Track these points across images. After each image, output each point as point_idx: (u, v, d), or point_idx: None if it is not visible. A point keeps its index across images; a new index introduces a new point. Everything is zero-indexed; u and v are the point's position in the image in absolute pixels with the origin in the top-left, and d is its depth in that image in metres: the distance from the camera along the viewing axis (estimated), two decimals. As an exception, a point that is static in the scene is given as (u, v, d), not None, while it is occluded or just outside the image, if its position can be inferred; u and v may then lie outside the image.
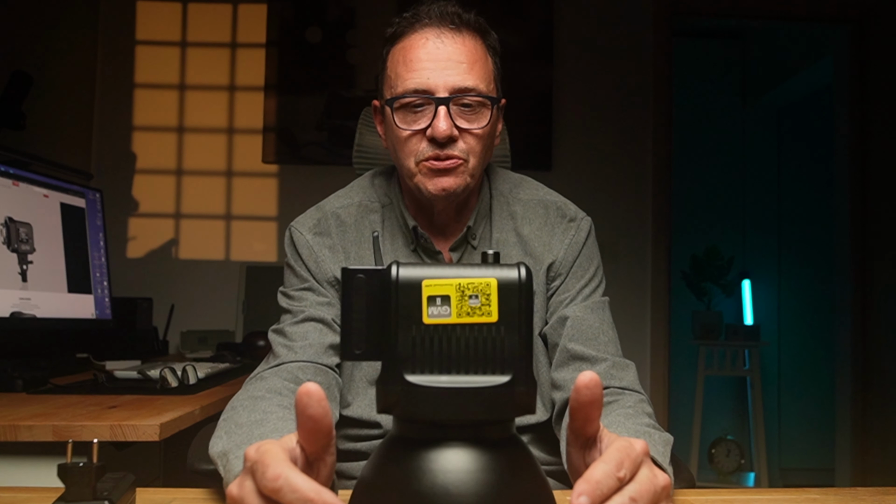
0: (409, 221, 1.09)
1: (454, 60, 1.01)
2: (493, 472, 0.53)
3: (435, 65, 1.00)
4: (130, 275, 2.76)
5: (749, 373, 3.88)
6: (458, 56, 1.01)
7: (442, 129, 0.99)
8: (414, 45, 1.02)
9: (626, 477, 0.57)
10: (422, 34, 1.02)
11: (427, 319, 0.54)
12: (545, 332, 1.09)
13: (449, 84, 1.00)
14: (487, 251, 0.58)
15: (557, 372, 1.04)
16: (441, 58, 1.01)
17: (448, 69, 1.00)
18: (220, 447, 0.79)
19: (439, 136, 0.99)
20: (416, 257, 1.09)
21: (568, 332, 1.04)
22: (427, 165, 1.02)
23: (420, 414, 0.54)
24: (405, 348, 0.53)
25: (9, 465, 1.16)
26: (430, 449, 0.54)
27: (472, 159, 1.03)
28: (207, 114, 2.90)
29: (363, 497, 0.56)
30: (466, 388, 0.53)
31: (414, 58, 1.01)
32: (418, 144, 1.02)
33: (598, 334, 1.05)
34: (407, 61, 1.02)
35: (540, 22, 2.97)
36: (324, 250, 1.09)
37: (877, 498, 0.78)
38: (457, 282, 0.54)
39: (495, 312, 0.54)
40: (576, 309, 1.06)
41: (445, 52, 1.01)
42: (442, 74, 1.00)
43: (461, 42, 1.02)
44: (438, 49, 1.01)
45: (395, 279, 0.54)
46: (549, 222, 1.13)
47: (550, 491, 0.58)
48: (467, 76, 1.01)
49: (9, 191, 1.66)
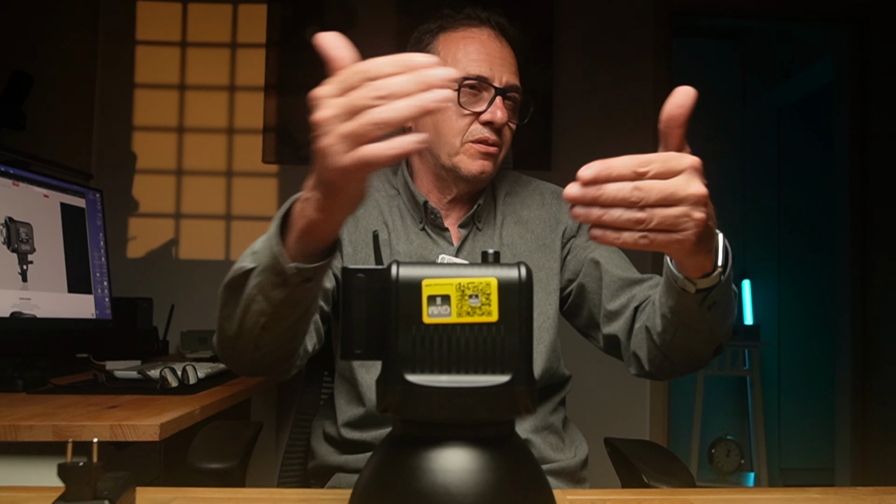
0: (420, 198, 1.15)
1: (508, 61, 1.14)
2: (493, 472, 0.53)
3: (494, 59, 1.12)
4: (130, 275, 2.76)
5: (749, 373, 3.88)
6: (510, 58, 1.15)
7: (500, 116, 1.09)
8: (474, 38, 1.13)
9: (647, 174, 0.63)
10: (480, 30, 1.14)
11: (427, 319, 0.54)
12: (581, 282, 1.16)
13: (505, 79, 1.12)
14: (488, 251, 0.58)
15: (614, 301, 1.11)
16: (498, 55, 1.13)
17: (504, 66, 1.12)
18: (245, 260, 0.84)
19: (498, 122, 1.10)
20: (425, 235, 1.15)
21: (609, 267, 1.13)
22: (475, 147, 1.11)
23: (420, 414, 0.54)
24: (405, 348, 0.53)
25: (9, 465, 1.16)
26: (430, 449, 0.54)
27: (504, 150, 1.15)
28: (207, 114, 2.90)
29: (363, 496, 0.56)
30: (466, 388, 0.53)
31: (475, 49, 1.12)
32: (469, 125, 1.11)
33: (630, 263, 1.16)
34: (468, 50, 1.12)
35: (540, 22, 2.96)
36: None
37: (877, 498, 0.78)
38: (457, 281, 0.54)
39: (495, 312, 0.54)
40: (601, 250, 1.16)
41: (501, 52, 1.13)
42: (500, 69, 1.12)
43: (507, 46, 1.15)
44: (496, 48, 1.13)
45: (395, 279, 0.54)
46: (546, 202, 1.24)
47: (550, 491, 0.58)
48: (515, 76, 1.14)
49: (9, 191, 1.65)
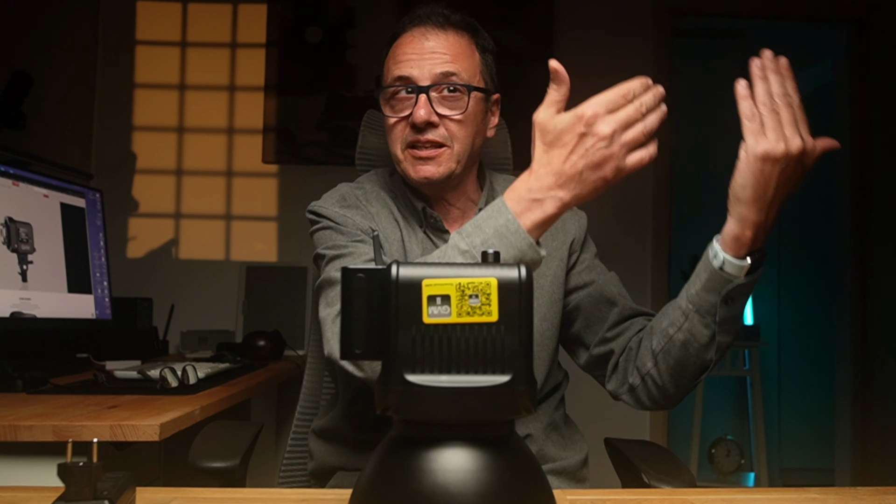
0: (418, 204, 1.14)
1: (437, 52, 1.09)
2: (493, 472, 0.53)
3: (418, 56, 1.08)
4: (130, 275, 2.76)
5: (749, 373, 3.88)
6: (441, 49, 1.09)
7: (420, 114, 1.06)
8: (402, 42, 1.12)
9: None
10: (410, 33, 1.11)
11: (427, 319, 0.54)
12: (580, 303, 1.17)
13: (431, 73, 1.07)
14: (488, 251, 0.58)
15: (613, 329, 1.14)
16: (424, 51, 1.09)
17: (431, 59, 1.08)
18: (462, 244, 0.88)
19: (418, 120, 1.06)
20: (426, 239, 1.14)
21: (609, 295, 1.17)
22: (410, 153, 1.09)
23: (420, 414, 0.54)
24: (405, 348, 0.53)
25: (9, 465, 1.16)
26: (430, 449, 0.54)
27: (457, 145, 1.09)
28: (207, 114, 2.90)
29: (364, 496, 0.56)
30: (466, 387, 0.53)
31: (400, 52, 1.10)
32: (403, 131, 1.09)
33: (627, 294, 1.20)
34: (395, 56, 1.11)
35: (540, 22, 2.96)
36: (355, 215, 1.12)
37: (877, 498, 0.78)
38: (457, 281, 0.54)
39: (495, 312, 0.54)
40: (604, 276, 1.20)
41: (429, 45, 1.09)
42: (424, 64, 1.08)
43: (444, 37, 1.10)
44: (423, 44, 1.09)
45: (395, 279, 0.54)
46: None
47: (550, 491, 0.57)
48: (449, 64, 1.08)
49: (9, 191, 1.65)
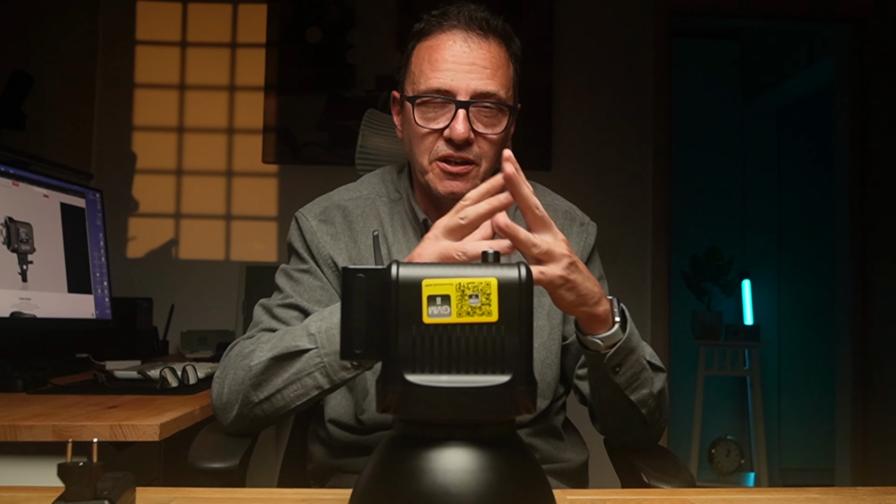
0: (420, 215, 1.11)
1: (478, 65, 1.03)
2: (493, 472, 0.53)
3: (459, 67, 1.03)
4: (130, 275, 2.76)
5: (749, 373, 3.88)
6: (482, 61, 1.03)
7: (460, 131, 1.01)
8: (441, 45, 1.04)
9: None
10: (450, 35, 1.04)
11: (427, 319, 0.54)
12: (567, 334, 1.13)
13: (471, 88, 1.02)
14: (488, 251, 0.58)
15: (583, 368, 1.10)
16: (466, 61, 1.03)
17: (472, 73, 1.02)
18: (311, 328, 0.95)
19: (457, 137, 1.02)
20: None
21: None
22: (440, 166, 1.04)
23: (420, 414, 0.54)
24: (405, 348, 0.53)
25: (9, 465, 1.16)
26: (430, 449, 0.54)
27: (485, 164, 1.06)
28: (207, 114, 2.90)
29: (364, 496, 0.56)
30: (466, 387, 0.53)
31: (440, 58, 1.03)
32: (434, 143, 1.05)
33: None
34: (432, 60, 1.04)
35: (540, 22, 2.96)
36: (325, 236, 1.11)
37: (877, 498, 0.78)
38: (457, 281, 0.54)
39: (495, 312, 0.54)
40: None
41: (471, 56, 1.03)
42: (465, 78, 1.02)
43: (486, 48, 1.04)
44: (464, 52, 1.03)
45: (395, 279, 0.54)
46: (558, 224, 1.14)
47: (550, 491, 0.57)
48: (489, 81, 1.03)
49: (9, 191, 1.65)
